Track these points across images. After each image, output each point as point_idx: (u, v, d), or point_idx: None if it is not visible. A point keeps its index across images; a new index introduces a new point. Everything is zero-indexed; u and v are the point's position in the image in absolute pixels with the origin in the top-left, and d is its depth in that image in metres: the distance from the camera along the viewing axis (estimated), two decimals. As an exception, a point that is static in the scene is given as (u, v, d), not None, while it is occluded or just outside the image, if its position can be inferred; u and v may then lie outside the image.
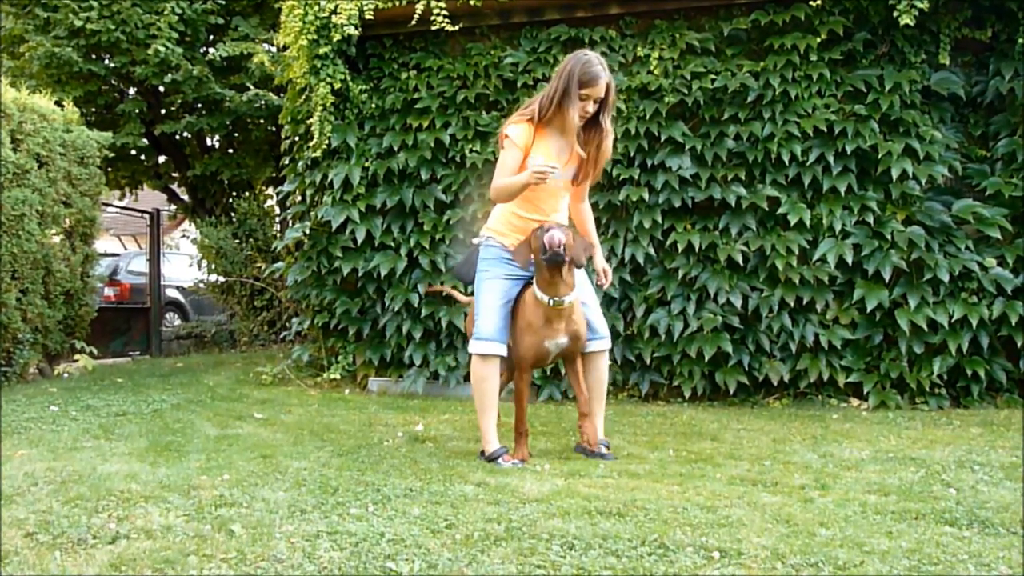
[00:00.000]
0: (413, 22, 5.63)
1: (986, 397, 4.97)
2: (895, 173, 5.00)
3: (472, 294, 3.78)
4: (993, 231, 4.93)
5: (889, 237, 5.03)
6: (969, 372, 4.92)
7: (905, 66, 5.13)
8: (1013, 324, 4.85)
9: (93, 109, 10.55)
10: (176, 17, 9.59)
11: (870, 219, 5.09)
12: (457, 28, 5.60)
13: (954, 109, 5.18)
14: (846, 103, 5.19)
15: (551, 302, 3.38)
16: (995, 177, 5.04)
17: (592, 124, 3.51)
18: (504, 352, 3.56)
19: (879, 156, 5.05)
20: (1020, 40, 4.88)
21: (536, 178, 3.32)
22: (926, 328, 4.95)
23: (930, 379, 4.97)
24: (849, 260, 5.05)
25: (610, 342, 3.71)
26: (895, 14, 4.84)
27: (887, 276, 4.99)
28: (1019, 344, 4.89)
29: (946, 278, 4.93)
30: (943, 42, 5.06)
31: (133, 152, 11.27)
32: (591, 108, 3.44)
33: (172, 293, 12.28)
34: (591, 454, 3.56)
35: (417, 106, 5.85)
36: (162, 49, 9.36)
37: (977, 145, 5.17)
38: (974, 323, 4.88)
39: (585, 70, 3.37)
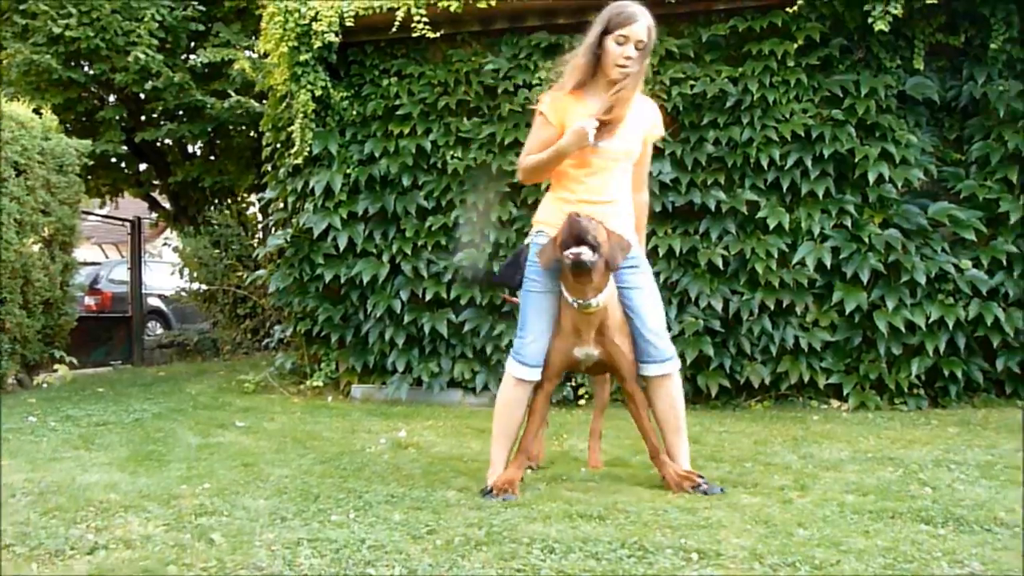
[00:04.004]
0: (394, 29, 5.64)
1: (963, 397, 5.03)
2: (872, 177, 5.05)
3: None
4: (968, 233, 4.99)
5: (867, 240, 5.09)
6: (946, 372, 4.97)
7: (881, 71, 5.18)
8: (989, 325, 4.91)
9: (72, 117, 10.48)
10: (156, 24, 9.56)
11: (848, 222, 5.14)
12: (438, 35, 5.61)
13: (929, 113, 5.24)
14: (823, 108, 5.24)
15: (576, 304, 2.94)
16: (970, 180, 5.10)
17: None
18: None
19: (856, 160, 5.10)
20: (993, 45, 4.95)
21: (575, 140, 2.81)
22: (904, 329, 5.01)
23: (908, 380, 5.02)
24: (828, 263, 5.09)
25: (677, 363, 3.13)
26: (870, 20, 4.89)
27: (865, 278, 5.04)
28: (995, 344, 4.95)
29: (923, 280, 4.99)
30: (918, 47, 5.11)
31: (113, 160, 11.22)
32: (632, 53, 2.89)
33: (154, 302, 12.19)
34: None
35: (398, 113, 5.86)
36: (142, 56, 9.33)
37: (952, 149, 5.23)
38: (951, 324, 4.93)
39: (618, 11, 2.90)
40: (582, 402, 5.41)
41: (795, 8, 5.10)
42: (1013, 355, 4.95)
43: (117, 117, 10.29)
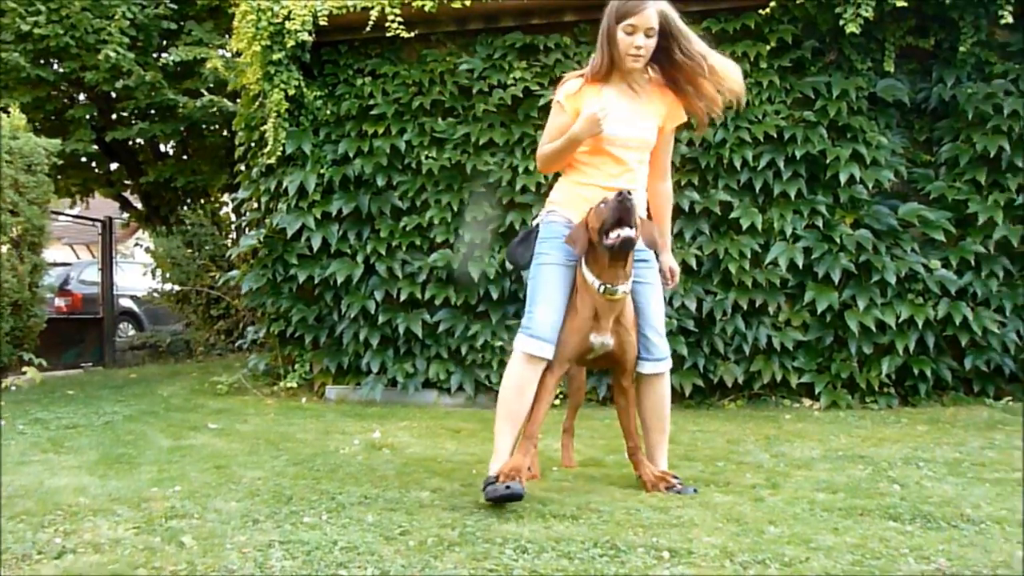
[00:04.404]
0: (368, 28, 5.62)
1: (933, 395, 5.09)
2: (843, 178, 5.11)
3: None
4: (937, 234, 5.05)
5: (838, 240, 5.14)
6: (916, 371, 5.04)
7: (852, 73, 5.24)
8: (957, 324, 4.98)
9: (41, 115, 10.33)
10: (127, 22, 9.44)
11: (820, 223, 5.19)
12: (413, 34, 5.60)
13: (899, 115, 5.30)
14: (795, 109, 5.29)
15: (603, 289, 2.83)
16: (939, 181, 5.18)
17: (669, 65, 2.94)
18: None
19: (828, 161, 5.15)
20: (962, 48, 5.02)
21: (588, 127, 2.79)
22: (875, 329, 5.06)
23: (879, 379, 5.08)
24: (800, 263, 5.14)
25: (670, 363, 3.10)
26: (842, 23, 4.95)
27: (836, 278, 5.10)
28: (963, 343, 5.02)
29: (893, 280, 5.05)
30: (888, 50, 5.18)
31: (84, 159, 11.08)
32: (643, 42, 2.84)
33: (126, 303, 12.04)
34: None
35: (373, 112, 5.84)
36: (113, 54, 9.21)
37: (922, 150, 5.30)
38: (920, 323, 5.00)
39: (624, 0, 2.84)
40: (556, 402, 5.41)
41: (768, 10, 5.15)
42: (981, 354, 5.02)
43: (87, 116, 10.16)
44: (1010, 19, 4.76)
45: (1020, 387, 5.03)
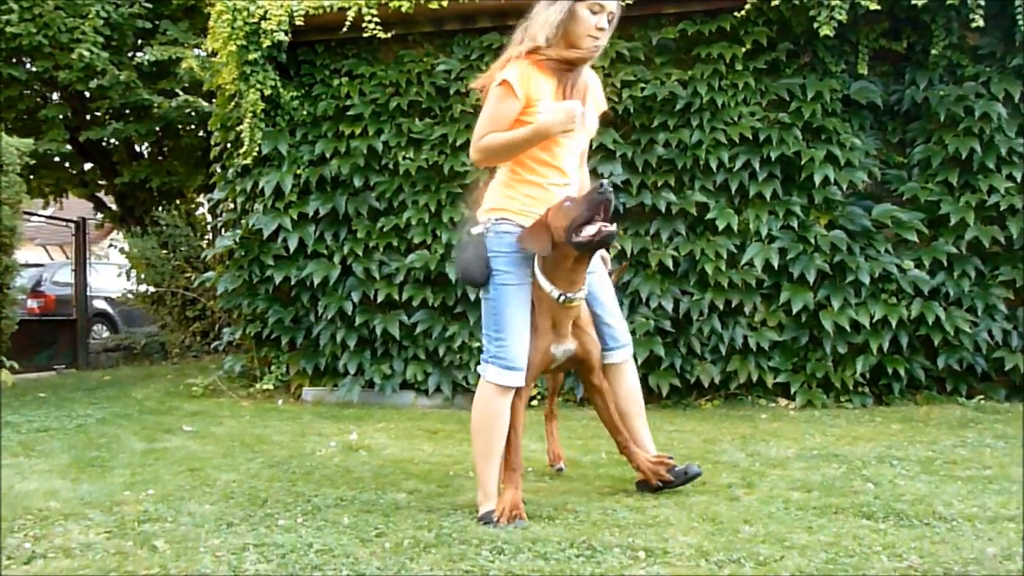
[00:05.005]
0: (345, 28, 5.58)
1: (906, 394, 5.14)
2: (818, 179, 5.15)
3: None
4: (910, 234, 5.11)
5: (813, 241, 5.18)
6: (890, 370, 5.08)
7: (826, 75, 5.28)
8: (930, 324, 5.03)
9: (13, 115, 10.19)
10: (101, 21, 9.33)
11: (794, 224, 5.23)
12: (390, 35, 5.58)
13: (873, 117, 5.35)
14: (770, 111, 5.33)
15: (562, 299, 2.71)
16: (912, 182, 5.23)
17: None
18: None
19: (802, 162, 5.19)
20: (934, 51, 5.07)
21: (565, 121, 2.56)
22: (849, 329, 5.11)
23: (854, 378, 5.12)
24: (775, 264, 5.18)
25: (632, 345, 3.08)
26: (816, 25, 4.98)
27: (811, 279, 5.14)
28: (936, 343, 5.07)
29: (867, 280, 5.10)
30: (862, 53, 5.22)
31: (57, 159, 10.93)
32: (604, 24, 2.70)
33: (100, 304, 11.92)
34: (662, 486, 2.90)
35: (350, 113, 5.81)
36: (87, 53, 9.09)
37: (895, 152, 5.36)
38: (894, 323, 5.05)
39: None
40: (534, 403, 5.41)
41: (743, 12, 5.18)
42: (953, 353, 5.08)
43: (61, 116, 10.03)
44: (981, 23, 4.82)
45: (992, 386, 5.09)
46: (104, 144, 11.10)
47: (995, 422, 4.29)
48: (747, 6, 5.11)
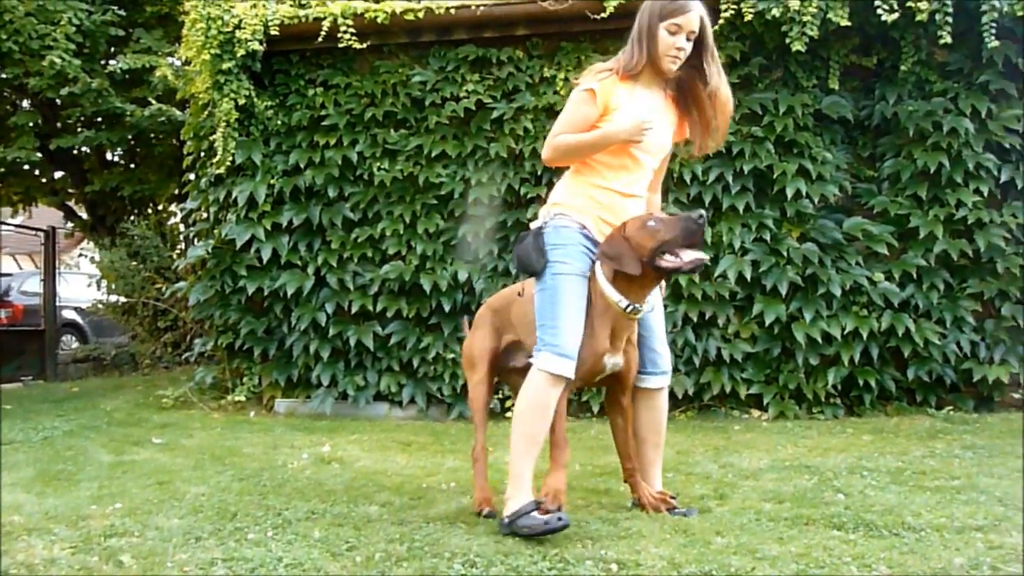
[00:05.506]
0: (320, 39, 5.58)
1: (877, 405, 5.19)
2: (790, 192, 5.20)
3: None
4: (881, 247, 5.17)
5: (785, 253, 5.23)
6: (861, 382, 5.13)
7: (798, 90, 5.35)
8: (900, 335, 5.09)
9: (-18, 122, 10.07)
10: (73, 28, 9.22)
11: (767, 236, 5.27)
12: (365, 46, 5.57)
13: (844, 131, 5.42)
14: (743, 125, 5.38)
15: (630, 308, 2.68)
16: (882, 196, 5.30)
17: (693, 75, 2.81)
18: None
19: (775, 176, 5.24)
20: (903, 67, 5.16)
21: (633, 131, 2.61)
22: (821, 340, 5.15)
23: (825, 389, 5.17)
24: (748, 276, 5.21)
25: (670, 378, 3.03)
26: (788, 41, 5.04)
27: (784, 291, 5.18)
28: (906, 354, 5.14)
29: (838, 292, 5.15)
30: (833, 68, 5.29)
31: (27, 167, 10.79)
32: (684, 44, 2.71)
33: (70, 314, 11.76)
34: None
35: (324, 123, 5.79)
36: (58, 60, 8.99)
37: (865, 166, 5.43)
38: (865, 335, 5.10)
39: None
40: (508, 414, 5.40)
41: (717, 28, 5.21)
42: (923, 364, 5.14)
43: (31, 123, 9.91)
44: (949, 40, 4.90)
45: (960, 397, 5.16)
46: (75, 152, 10.98)
47: (964, 432, 4.34)
48: (720, 21, 5.15)
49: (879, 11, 4.89)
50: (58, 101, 10.03)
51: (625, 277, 2.64)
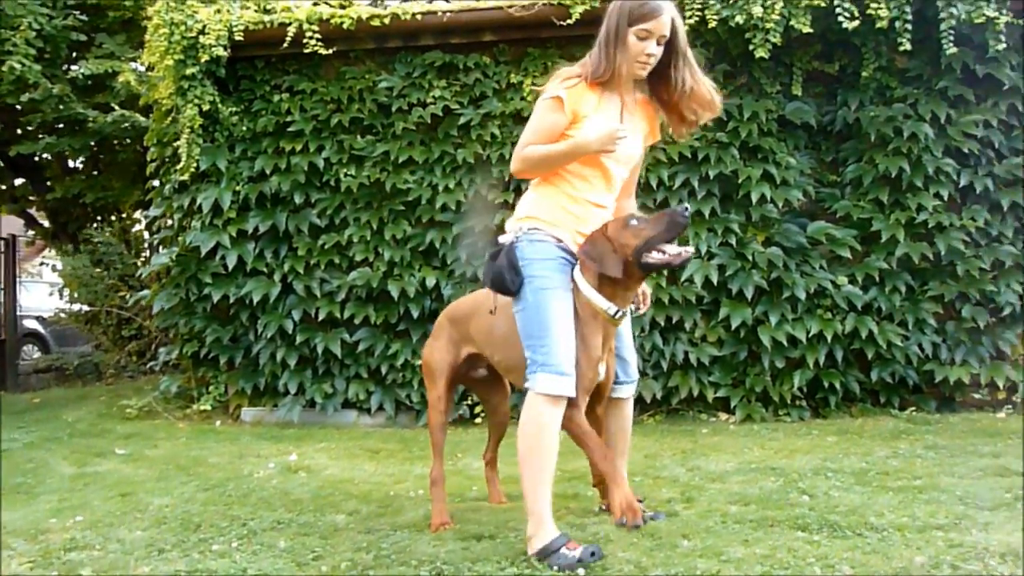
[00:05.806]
0: (286, 44, 5.54)
1: (842, 407, 5.26)
2: (755, 197, 5.26)
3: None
4: (844, 251, 5.24)
5: (750, 258, 5.28)
6: (826, 384, 5.20)
7: (762, 96, 5.41)
8: (864, 338, 5.16)
9: (-61, 128, 9.86)
10: (34, 33, 9.06)
11: (733, 241, 5.32)
12: (331, 51, 5.54)
13: (807, 137, 5.49)
14: (708, 131, 5.41)
15: (618, 314, 2.63)
16: (845, 200, 5.37)
17: (659, 79, 2.73)
18: None
19: (740, 181, 5.30)
20: (864, 73, 5.24)
21: (606, 141, 2.51)
22: (786, 343, 5.21)
23: (791, 392, 5.22)
24: (714, 280, 5.25)
25: (637, 386, 3.02)
26: (752, 47, 5.10)
27: (750, 295, 5.23)
28: (870, 356, 5.21)
29: (803, 296, 5.21)
30: (796, 74, 5.36)
31: (-15, 174, 10.59)
32: (654, 50, 2.62)
33: (31, 324, 11.55)
34: (634, 526, 2.64)
35: (290, 129, 5.75)
36: (18, 66, 8.82)
37: (828, 171, 5.50)
38: (829, 338, 5.17)
39: (640, 2, 2.59)
40: (478, 420, 5.40)
41: (681, 34, 5.26)
42: (886, 366, 5.22)
43: (-10, 129, 9.73)
44: (908, 46, 4.99)
45: (923, 398, 5.24)
46: (36, 159, 10.79)
47: (926, 433, 4.41)
48: (685, 28, 5.20)
49: (840, 18, 4.96)
50: (18, 107, 9.85)
51: (610, 281, 2.59)
